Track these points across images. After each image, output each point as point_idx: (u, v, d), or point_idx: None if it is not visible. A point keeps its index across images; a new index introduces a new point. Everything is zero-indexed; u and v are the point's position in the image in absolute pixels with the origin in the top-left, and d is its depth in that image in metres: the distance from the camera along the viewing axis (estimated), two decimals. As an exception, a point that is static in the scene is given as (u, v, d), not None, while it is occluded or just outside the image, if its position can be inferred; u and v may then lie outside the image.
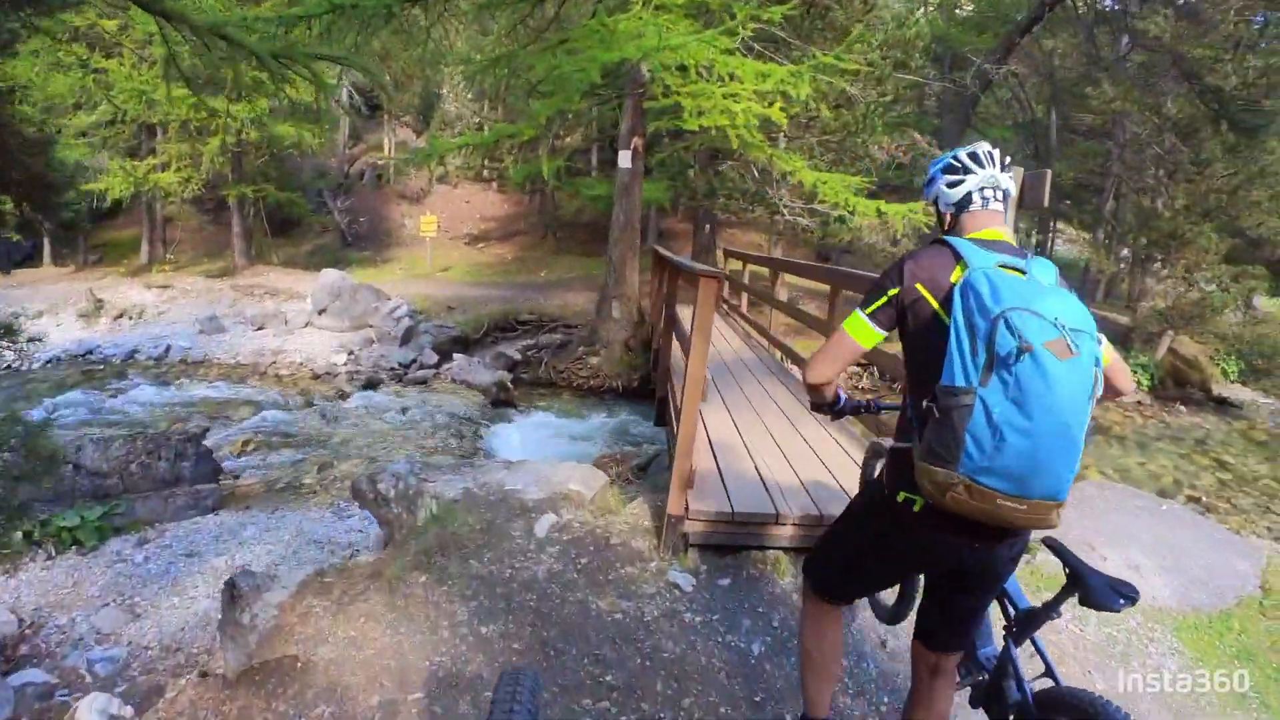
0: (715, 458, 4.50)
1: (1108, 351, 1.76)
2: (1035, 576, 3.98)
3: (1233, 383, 17.46)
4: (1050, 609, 2.04)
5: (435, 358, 13.59)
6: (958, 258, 1.76)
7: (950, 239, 1.83)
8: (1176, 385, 16.64)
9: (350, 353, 13.63)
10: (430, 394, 10.95)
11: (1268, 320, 15.96)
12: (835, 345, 1.94)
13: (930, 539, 1.86)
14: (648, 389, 11.52)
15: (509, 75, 11.26)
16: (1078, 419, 1.58)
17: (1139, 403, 15.37)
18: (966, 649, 2.24)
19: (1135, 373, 15.44)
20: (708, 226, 17.08)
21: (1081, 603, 1.91)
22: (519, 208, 27.69)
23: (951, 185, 1.90)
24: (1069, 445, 1.58)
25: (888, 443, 2.05)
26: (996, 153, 1.91)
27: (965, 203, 1.89)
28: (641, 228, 18.40)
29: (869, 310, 1.87)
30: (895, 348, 2.10)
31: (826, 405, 2.21)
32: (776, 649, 3.23)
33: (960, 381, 1.60)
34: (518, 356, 13.48)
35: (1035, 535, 2.05)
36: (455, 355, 13.87)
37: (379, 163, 28.01)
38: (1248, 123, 13.66)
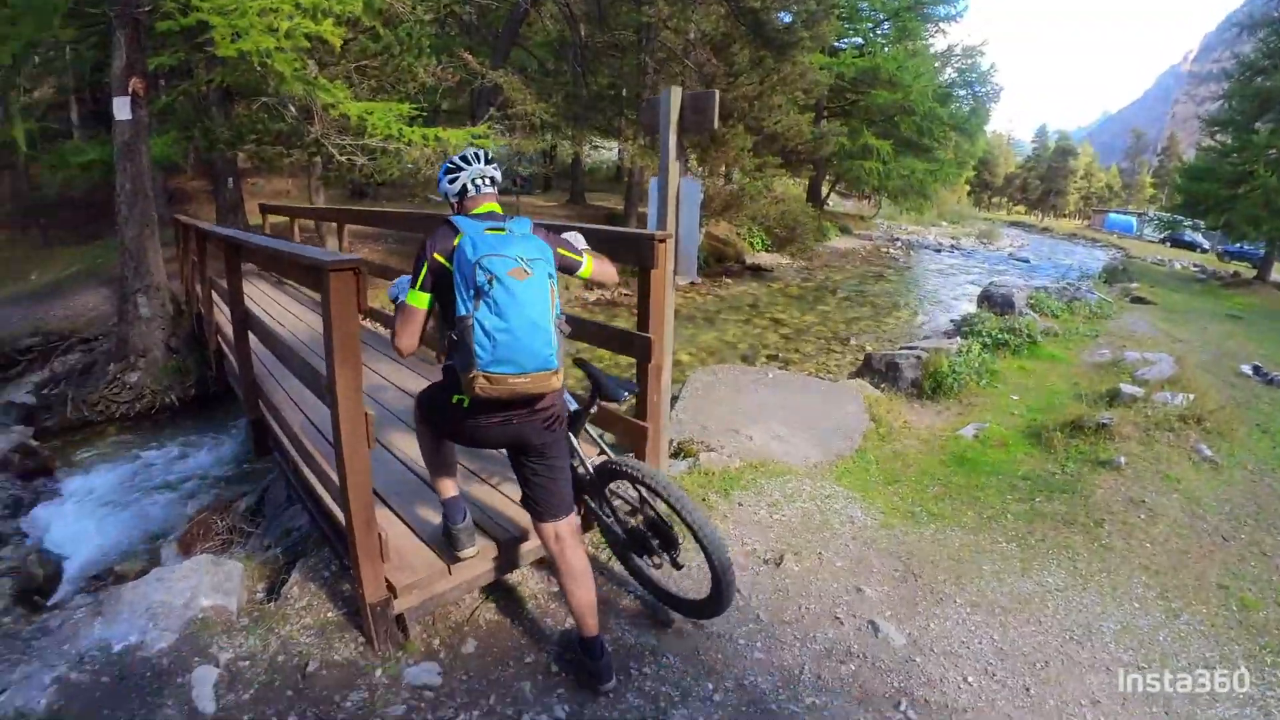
0: (380, 496, 3.41)
1: (589, 264, 2.74)
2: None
3: (759, 252, 21.21)
4: (588, 406, 2.99)
5: None
6: (456, 230, 2.36)
7: (453, 218, 2.43)
8: (718, 261, 19.44)
9: None
10: (-84, 503, 7.13)
11: (783, 199, 19.35)
12: (407, 317, 2.41)
13: (476, 423, 2.50)
14: (210, 395, 9.50)
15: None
16: (542, 315, 2.28)
17: (692, 283, 17.61)
18: (567, 510, 2.72)
19: None
20: (229, 180, 14.31)
21: (602, 398, 2.97)
22: None
23: (451, 181, 2.56)
24: (541, 332, 2.28)
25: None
26: (483, 152, 2.58)
27: (463, 192, 2.56)
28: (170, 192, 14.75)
29: (417, 284, 2.39)
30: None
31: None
32: (580, 702, 2.63)
33: (463, 311, 2.26)
34: (33, 400, 9.86)
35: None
36: None
37: None
38: (779, 39, 15.47)
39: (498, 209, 2.56)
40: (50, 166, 13.94)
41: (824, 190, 33.63)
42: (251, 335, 4.71)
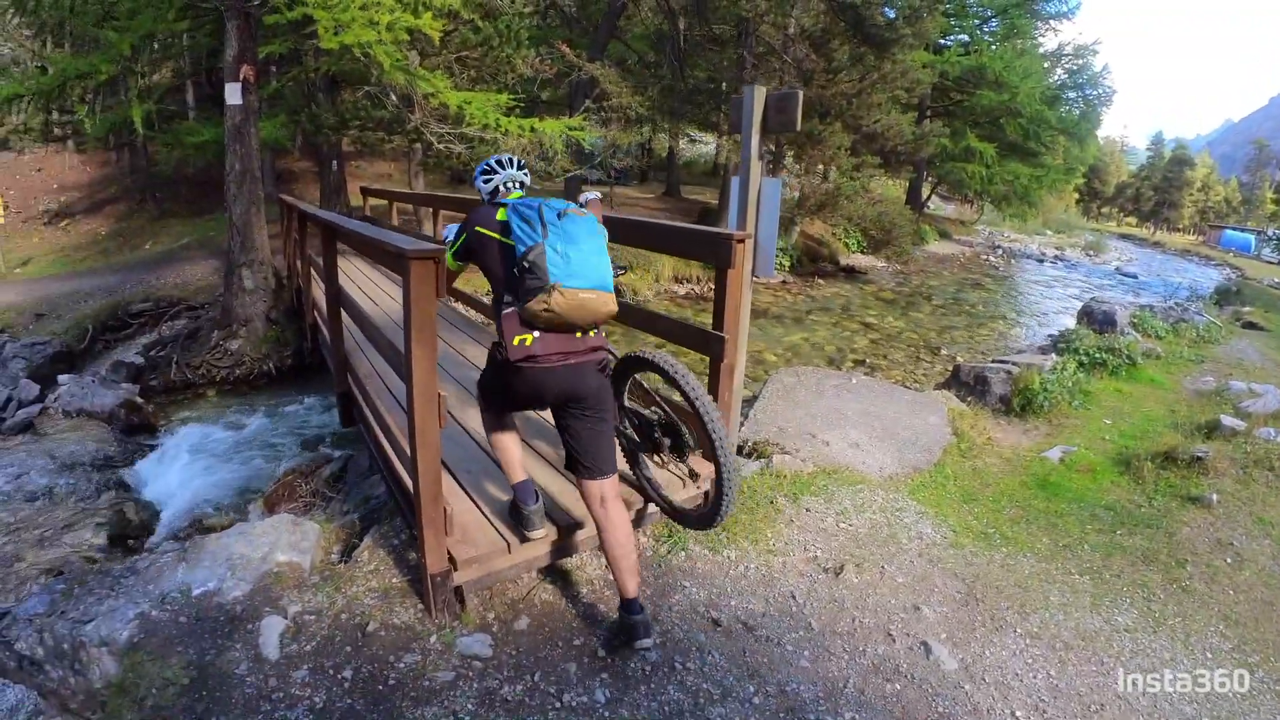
0: (450, 472, 3.61)
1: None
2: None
3: (854, 253, 20.82)
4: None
5: (35, 388, 10.17)
6: (496, 208, 2.73)
7: (499, 203, 2.76)
8: (811, 261, 19.18)
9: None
10: (41, 441, 7.65)
11: (881, 200, 18.90)
12: (441, 274, 2.64)
13: (534, 373, 2.64)
14: (305, 365, 10.01)
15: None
16: (601, 246, 2.63)
17: (784, 281, 17.42)
18: (611, 470, 2.86)
19: (777, 256, 17.45)
20: (334, 163, 14.99)
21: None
22: (107, 169, 22.40)
23: (486, 181, 2.89)
24: (603, 257, 2.62)
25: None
26: (516, 159, 2.89)
27: (495, 192, 2.87)
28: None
29: (454, 253, 2.82)
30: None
31: None
32: (621, 688, 2.69)
33: (531, 243, 2.50)
34: (141, 361, 10.59)
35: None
36: (61, 378, 10.51)
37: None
38: (880, 36, 15.05)
39: None
40: (166, 145, 14.83)
41: (924, 193, 32.58)
42: (344, 312, 4.97)
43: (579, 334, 2.65)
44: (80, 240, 19.42)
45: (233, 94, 9.35)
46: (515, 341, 2.58)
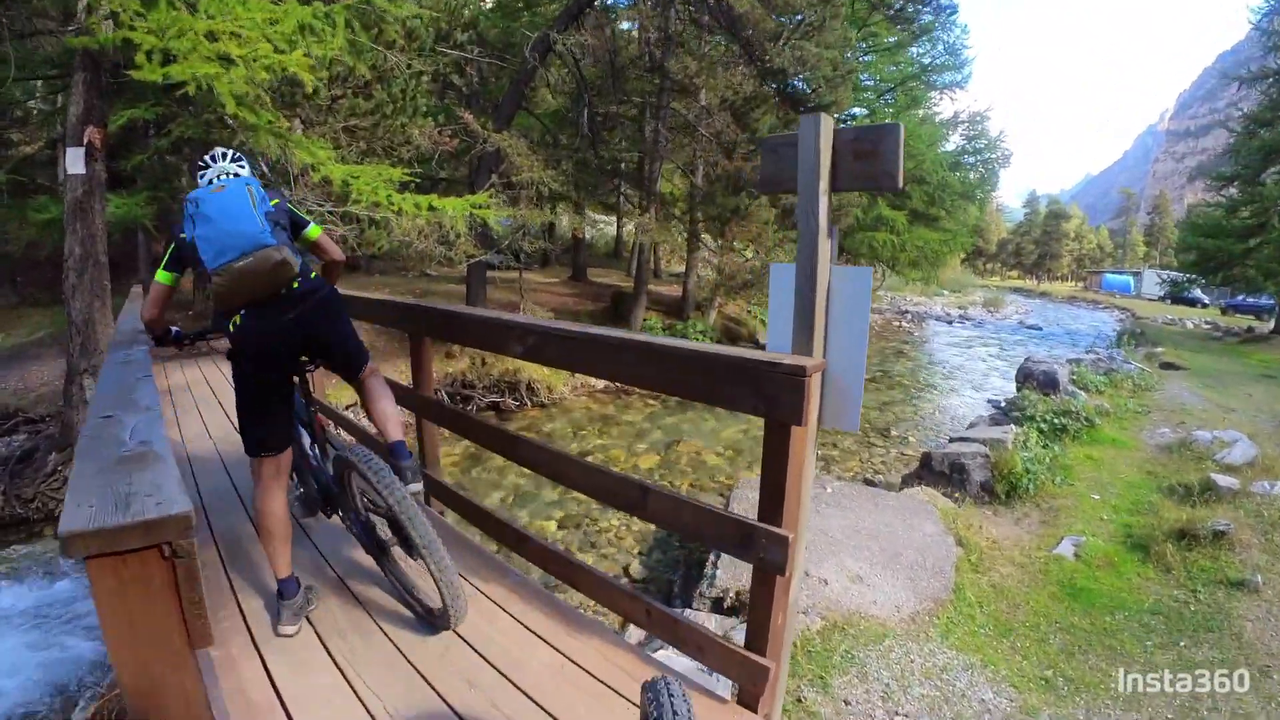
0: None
1: (316, 229, 2.95)
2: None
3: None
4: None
5: None
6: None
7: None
8: (731, 342, 18.55)
9: None
10: None
11: None
12: (154, 292, 2.75)
13: (249, 332, 2.60)
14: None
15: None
16: (235, 208, 2.51)
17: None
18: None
19: (698, 338, 16.34)
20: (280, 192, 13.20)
21: None
22: None
23: (201, 176, 2.76)
24: (240, 219, 2.49)
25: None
26: (229, 152, 2.81)
27: (211, 184, 2.65)
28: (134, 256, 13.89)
29: (164, 265, 2.70)
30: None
31: (162, 337, 2.99)
32: None
33: (188, 240, 2.52)
34: None
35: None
36: None
37: None
38: (807, 101, 14.37)
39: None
40: (17, 222, 13.04)
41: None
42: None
43: (283, 293, 2.61)
44: None
45: (74, 161, 7.86)
46: (230, 327, 2.61)
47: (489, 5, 17.07)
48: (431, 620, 2.79)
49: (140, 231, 13.87)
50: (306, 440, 3.08)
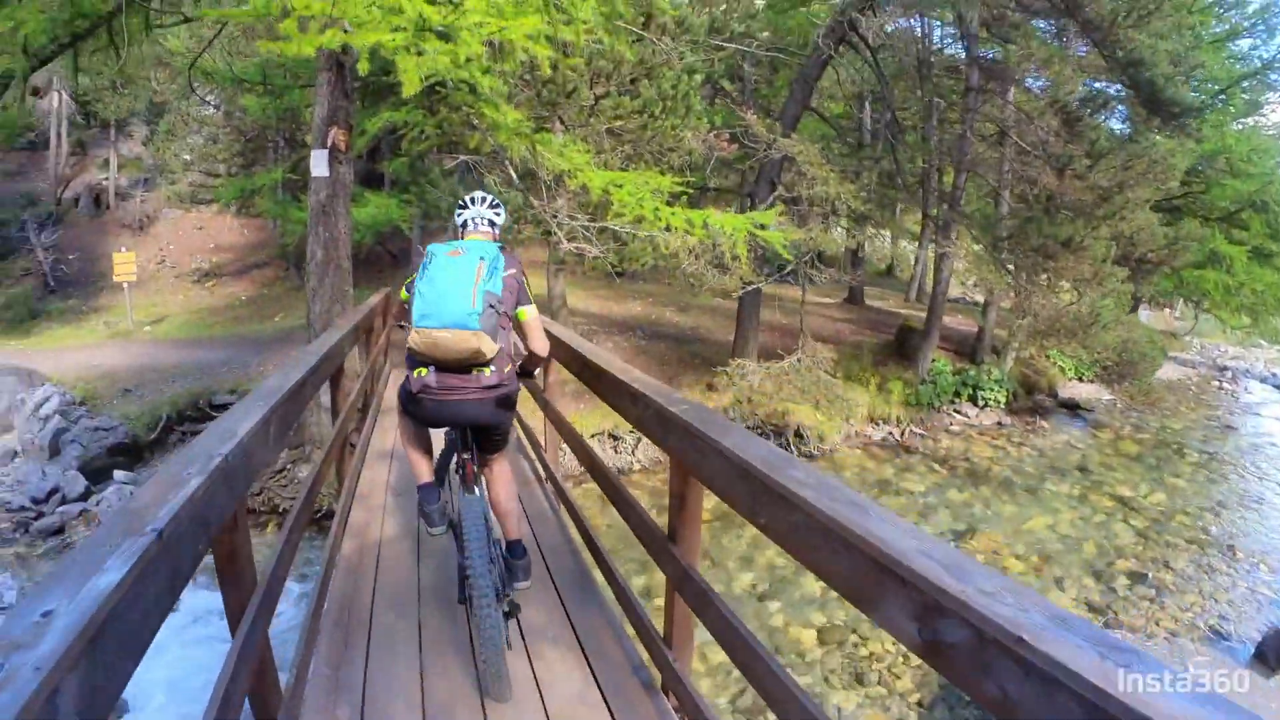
0: None
1: (528, 312, 2.94)
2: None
3: (1071, 380, 17.00)
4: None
5: (82, 484, 8.99)
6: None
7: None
8: (1027, 394, 15.41)
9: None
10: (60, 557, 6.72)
11: (1127, 323, 14.85)
12: (397, 307, 3.23)
13: (430, 403, 2.78)
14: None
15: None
16: (457, 283, 2.63)
17: (999, 423, 13.86)
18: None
19: (993, 389, 14.24)
20: (514, 254, 12.44)
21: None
22: (263, 234, 21.94)
23: (458, 215, 3.06)
24: (455, 296, 2.61)
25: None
26: (489, 197, 3.09)
27: (464, 225, 3.03)
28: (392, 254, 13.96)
29: (406, 287, 2.94)
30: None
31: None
32: None
33: (417, 278, 2.75)
34: None
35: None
36: (117, 474, 9.43)
37: (102, 182, 21.85)
38: (1179, 103, 10.87)
39: (479, 238, 2.98)
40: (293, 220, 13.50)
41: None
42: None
43: (472, 371, 2.74)
44: (218, 303, 18.97)
45: (318, 164, 7.46)
46: (415, 374, 2.77)
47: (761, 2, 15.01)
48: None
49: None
50: (454, 480, 3.19)
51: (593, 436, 10.12)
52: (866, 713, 5.65)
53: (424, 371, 2.71)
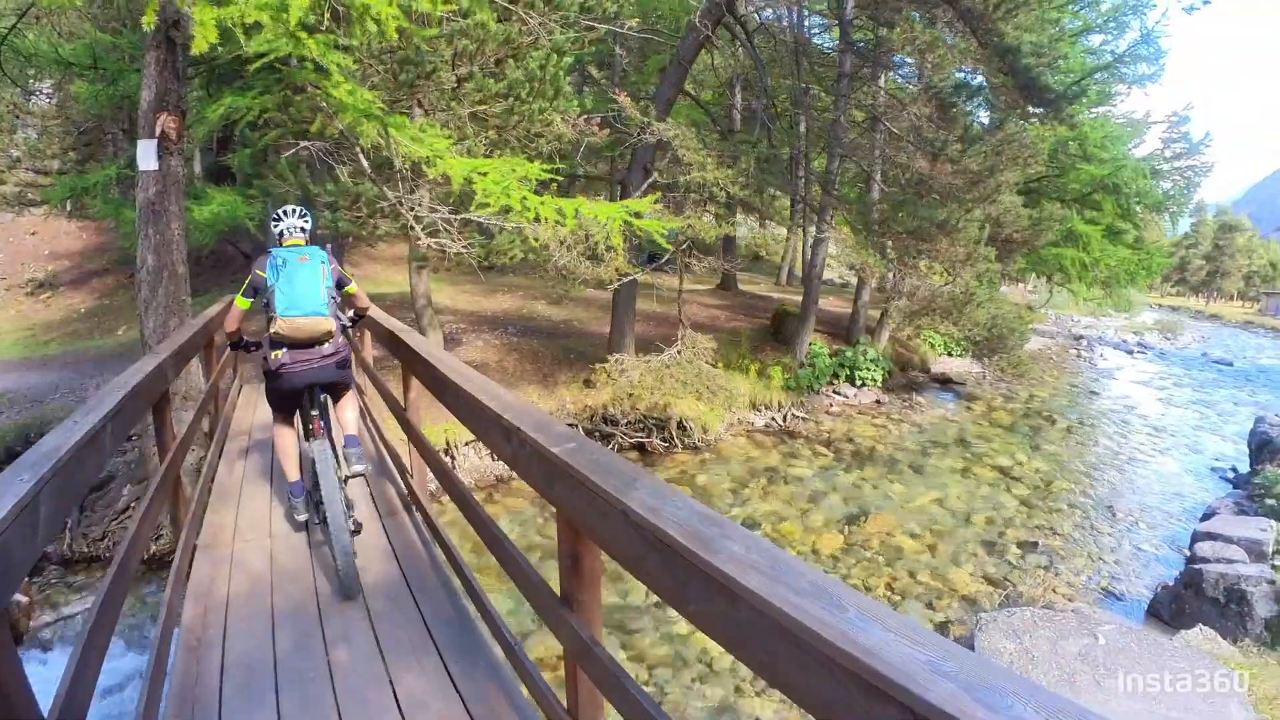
0: None
1: (354, 286, 3.97)
2: None
3: (941, 356, 17.78)
4: None
5: None
6: (269, 254, 3.58)
7: (271, 249, 3.65)
8: (902, 371, 15.99)
9: None
10: None
11: (997, 300, 15.48)
12: (234, 313, 3.76)
13: (286, 375, 3.60)
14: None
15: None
16: (311, 280, 3.54)
17: (878, 401, 14.18)
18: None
19: (870, 369, 14.68)
20: (327, 248, 11.55)
21: None
22: (102, 238, 20.04)
23: (275, 226, 3.74)
24: (312, 290, 3.52)
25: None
26: (294, 209, 3.78)
27: (280, 236, 3.71)
28: (245, 253, 12.80)
29: (243, 293, 3.60)
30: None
31: (236, 344, 4.01)
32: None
33: (271, 284, 3.47)
34: None
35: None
36: None
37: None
38: (1053, 90, 11.32)
39: (302, 243, 3.73)
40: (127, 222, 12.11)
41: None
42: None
43: (314, 346, 3.60)
44: (55, 317, 17.25)
45: (145, 155, 6.60)
46: (273, 355, 3.57)
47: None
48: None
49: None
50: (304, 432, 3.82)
51: (468, 443, 9.57)
52: (789, 714, 5.48)
53: (279, 353, 3.55)
